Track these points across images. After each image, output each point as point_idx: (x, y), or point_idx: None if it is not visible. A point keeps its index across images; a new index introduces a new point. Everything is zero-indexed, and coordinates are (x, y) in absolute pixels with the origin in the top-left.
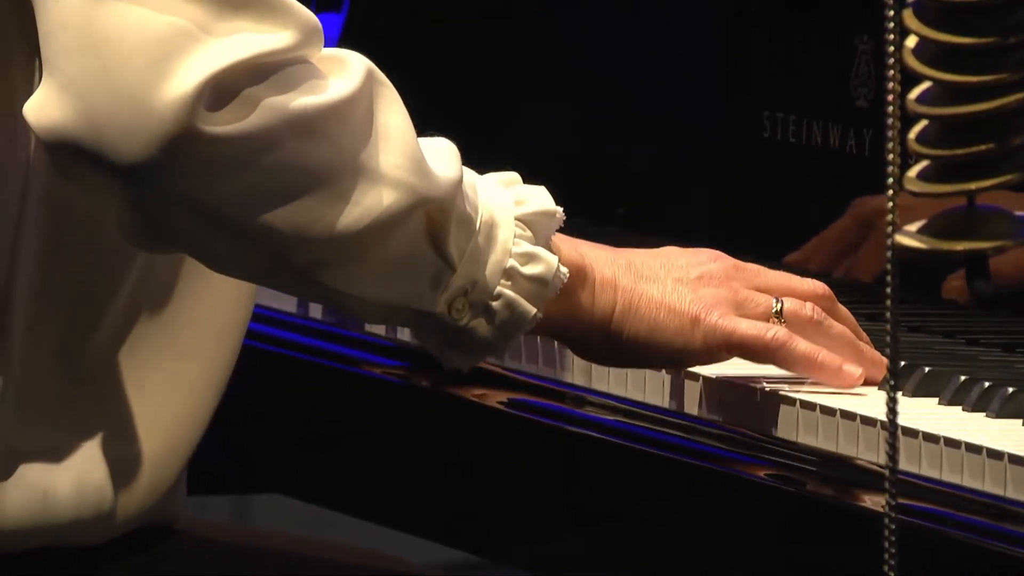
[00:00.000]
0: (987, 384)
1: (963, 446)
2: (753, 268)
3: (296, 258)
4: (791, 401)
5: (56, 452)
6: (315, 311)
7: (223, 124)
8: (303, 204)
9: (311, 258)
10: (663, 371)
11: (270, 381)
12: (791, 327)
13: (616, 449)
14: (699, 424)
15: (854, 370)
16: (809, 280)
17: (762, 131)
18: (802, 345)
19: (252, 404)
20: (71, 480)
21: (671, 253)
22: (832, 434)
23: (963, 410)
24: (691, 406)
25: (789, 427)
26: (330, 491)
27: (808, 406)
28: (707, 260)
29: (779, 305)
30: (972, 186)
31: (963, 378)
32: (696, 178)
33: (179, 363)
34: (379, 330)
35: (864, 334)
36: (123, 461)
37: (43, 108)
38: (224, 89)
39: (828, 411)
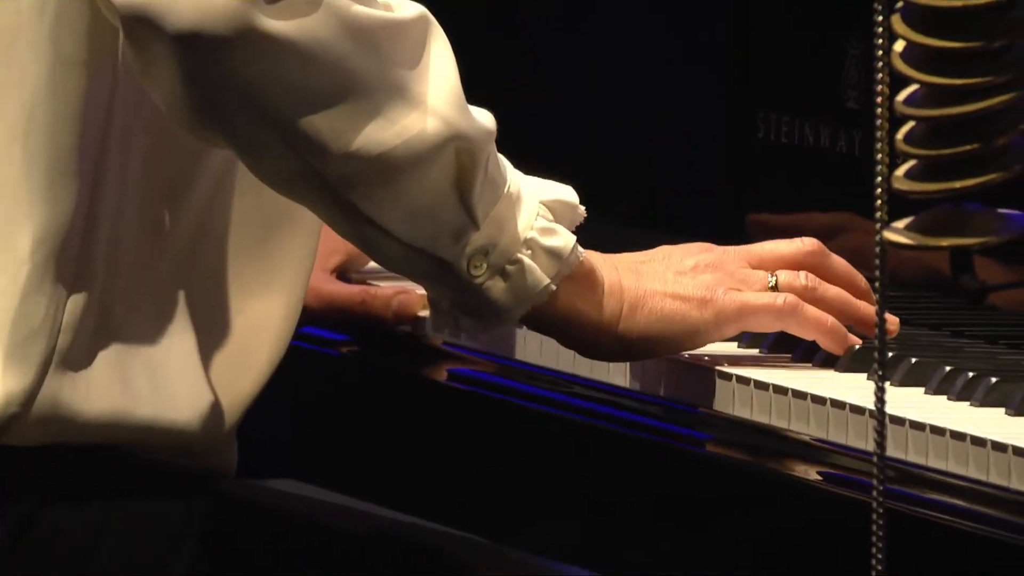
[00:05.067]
0: (971, 374)
1: (948, 433)
2: (740, 247)
3: (329, 166)
4: (783, 391)
5: (162, 347)
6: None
7: (283, 18)
8: (343, 110)
9: (342, 170)
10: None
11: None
12: None
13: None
14: (695, 412)
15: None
16: (797, 240)
17: (757, 131)
18: (811, 310)
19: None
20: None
21: (665, 250)
22: (823, 422)
23: (948, 399)
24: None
25: (782, 415)
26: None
27: (799, 395)
28: (699, 251)
29: (774, 280)
30: (958, 185)
31: (948, 369)
32: (694, 176)
33: (265, 298)
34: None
35: (863, 280)
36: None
37: None
38: None
39: (819, 400)
